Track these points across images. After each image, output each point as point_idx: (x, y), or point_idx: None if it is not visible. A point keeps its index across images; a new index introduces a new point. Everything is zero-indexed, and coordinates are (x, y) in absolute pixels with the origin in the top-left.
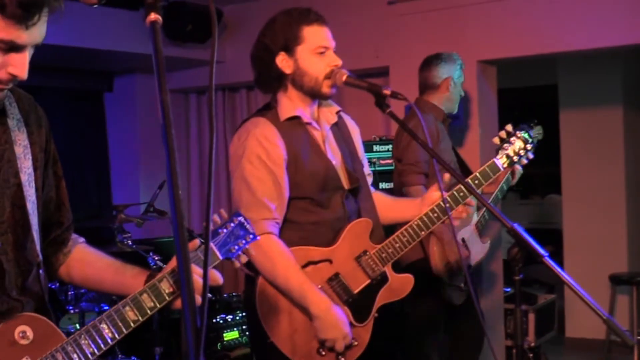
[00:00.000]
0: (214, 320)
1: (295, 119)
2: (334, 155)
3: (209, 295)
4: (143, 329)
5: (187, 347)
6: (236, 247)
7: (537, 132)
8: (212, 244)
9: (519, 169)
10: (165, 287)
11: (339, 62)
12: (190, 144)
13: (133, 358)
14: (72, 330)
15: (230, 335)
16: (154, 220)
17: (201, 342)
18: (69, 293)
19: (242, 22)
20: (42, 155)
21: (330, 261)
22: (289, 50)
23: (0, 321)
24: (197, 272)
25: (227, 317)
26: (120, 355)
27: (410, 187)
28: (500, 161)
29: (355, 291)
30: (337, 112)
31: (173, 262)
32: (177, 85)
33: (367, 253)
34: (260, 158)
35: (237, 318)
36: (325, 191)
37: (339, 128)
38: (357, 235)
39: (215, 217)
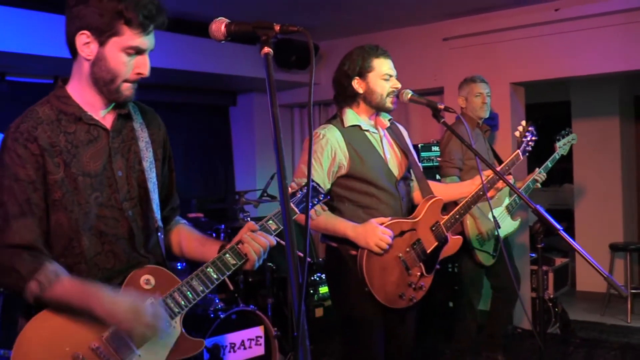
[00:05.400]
0: (312, 278)
1: (356, 126)
2: (390, 150)
3: (308, 259)
4: (258, 284)
5: (292, 298)
6: (310, 204)
7: (572, 138)
8: (290, 203)
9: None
10: (273, 224)
11: (399, 85)
12: (294, 146)
13: (251, 306)
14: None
15: (324, 289)
16: (267, 202)
17: (302, 294)
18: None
19: (334, 53)
20: (161, 151)
21: (415, 230)
22: (362, 75)
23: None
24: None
25: (321, 275)
26: (241, 304)
27: (445, 178)
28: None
29: (428, 251)
30: (390, 120)
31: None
32: (284, 102)
33: (438, 223)
34: (318, 151)
35: None
36: (383, 179)
37: (392, 130)
38: (434, 210)
39: (293, 184)
